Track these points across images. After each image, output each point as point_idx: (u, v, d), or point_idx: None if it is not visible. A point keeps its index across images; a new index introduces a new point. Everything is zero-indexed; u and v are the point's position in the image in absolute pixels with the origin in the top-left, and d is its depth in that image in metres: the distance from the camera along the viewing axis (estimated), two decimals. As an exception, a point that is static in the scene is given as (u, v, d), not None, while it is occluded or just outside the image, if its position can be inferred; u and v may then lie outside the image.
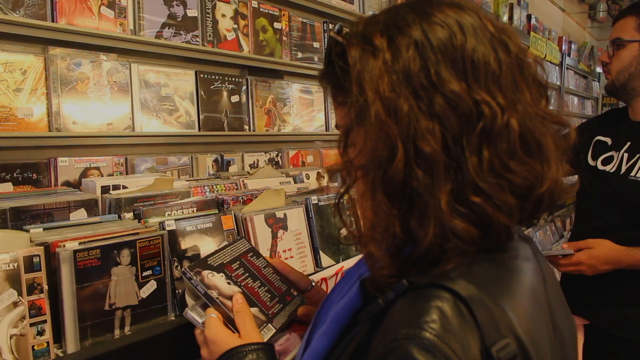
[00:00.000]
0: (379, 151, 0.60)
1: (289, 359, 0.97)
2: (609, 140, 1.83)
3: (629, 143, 1.75)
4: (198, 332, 0.88)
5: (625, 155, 1.75)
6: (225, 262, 0.98)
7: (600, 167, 1.82)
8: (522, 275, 0.65)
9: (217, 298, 0.89)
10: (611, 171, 1.77)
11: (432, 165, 0.58)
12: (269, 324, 0.93)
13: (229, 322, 0.88)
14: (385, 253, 0.63)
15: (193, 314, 0.89)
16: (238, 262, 1.01)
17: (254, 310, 0.92)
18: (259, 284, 0.99)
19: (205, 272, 0.92)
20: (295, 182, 1.87)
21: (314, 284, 1.08)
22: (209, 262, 0.96)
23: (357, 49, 0.63)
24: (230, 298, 0.90)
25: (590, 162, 1.86)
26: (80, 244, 0.98)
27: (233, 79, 2.07)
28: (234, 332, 0.86)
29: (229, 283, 0.94)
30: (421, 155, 0.58)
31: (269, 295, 0.98)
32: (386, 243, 0.62)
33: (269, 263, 1.07)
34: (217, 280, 0.92)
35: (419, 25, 0.61)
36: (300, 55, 2.32)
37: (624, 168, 1.73)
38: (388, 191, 0.60)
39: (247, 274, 1.00)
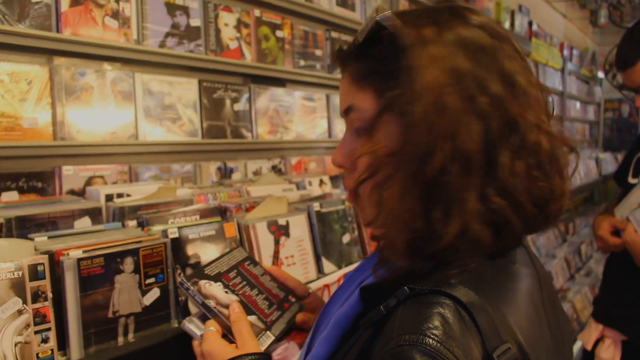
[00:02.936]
0: (418, 145, 0.59)
1: None
2: None
3: None
4: (196, 344, 0.87)
5: None
6: (222, 271, 0.98)
7: (631, 180, 1.75)
8: (520, 280, 0.66)
9: (215, 307, 0.88)
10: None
11: (468, 164, 0.59)
12: (268, 332, 0.92)
13: (228, 332, 0.87)
14: (402, 242, 0.63)
15: (191, 326, 0.88)
16: (235, 271, 1.01)
17: (252, 318, 0.91)
18: (256, 292, 0.99)
19: (202, 282, 0.91)
20: (298, 189, 1.87)
21: (311, 291, 1.08)
22: (206, 272, 0.95)
23: (410, 36, 0.62)
24: (228, 307, 0.90)
25: (631, 180, 1.77)
26: (84, 252, 0.99)
27: (236, 87, 2.08)
28: (231, 343, 0.85)
29: (226, 292, 0.93)
30: (459, 154, 0.59)
31: (267, 303, 0.98)
32: (406, 234, 0.62)
33: (266, 271, 1.07)
34: (215, 289, 0.92)
35: (463, 26, 0.64)
36: (302, 63, 2.33)
37: None
38: (418, 184, 0.60)
39: (244, 282, 0.99)
